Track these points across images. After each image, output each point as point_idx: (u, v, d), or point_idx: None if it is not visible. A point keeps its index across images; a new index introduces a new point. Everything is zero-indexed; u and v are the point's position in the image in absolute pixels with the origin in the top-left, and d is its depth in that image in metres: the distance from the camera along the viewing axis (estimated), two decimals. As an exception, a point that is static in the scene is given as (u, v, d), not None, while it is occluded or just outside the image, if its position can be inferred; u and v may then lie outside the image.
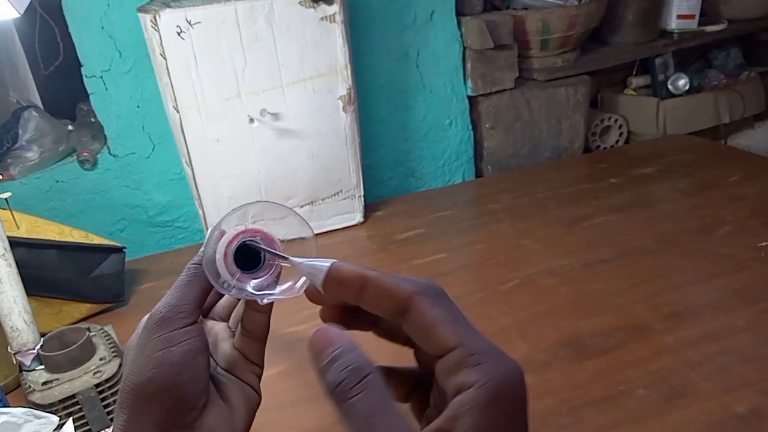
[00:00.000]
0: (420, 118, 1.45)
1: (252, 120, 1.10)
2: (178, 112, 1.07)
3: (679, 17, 1.56)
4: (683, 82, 1.59)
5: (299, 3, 1.05)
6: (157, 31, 1.00)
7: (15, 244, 0.82)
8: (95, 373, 0.75)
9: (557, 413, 0.71)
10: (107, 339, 0.81)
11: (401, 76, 1.40)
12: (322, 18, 1.07)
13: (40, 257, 0.95)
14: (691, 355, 0.78)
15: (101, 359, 0.77)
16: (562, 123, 1.49)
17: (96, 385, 0.73)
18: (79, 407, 0.73)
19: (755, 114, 1.70)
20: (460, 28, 1.40)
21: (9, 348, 0.77)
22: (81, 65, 1.19)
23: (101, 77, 1.20)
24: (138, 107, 1.24)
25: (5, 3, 0.71)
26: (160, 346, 0.32)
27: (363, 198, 1.25)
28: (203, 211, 1.16)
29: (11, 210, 0.93)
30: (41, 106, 1.31)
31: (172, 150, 1.22)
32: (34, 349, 0.77)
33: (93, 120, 1.25)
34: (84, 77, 1.20)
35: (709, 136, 1.62)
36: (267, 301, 0.34)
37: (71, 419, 0.71)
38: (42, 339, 0.78)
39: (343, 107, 1.15)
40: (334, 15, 1.07)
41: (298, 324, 0.92)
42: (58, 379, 0.74)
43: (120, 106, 1.23)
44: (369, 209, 1.29)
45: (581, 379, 0.76)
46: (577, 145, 1.54)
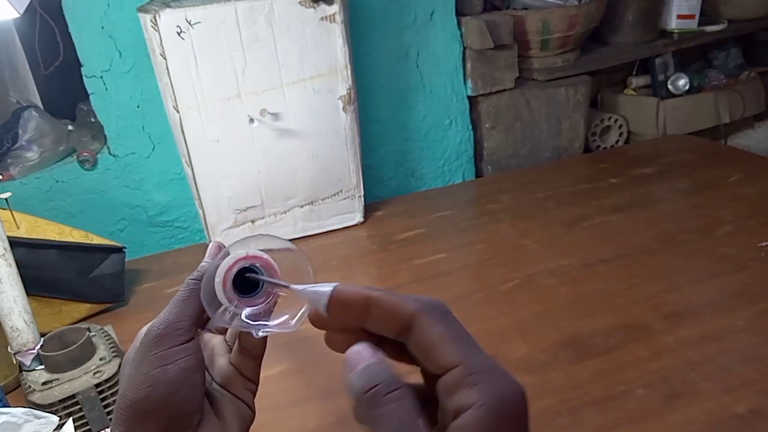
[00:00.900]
0: (420, 118, 1.45)
1: (252, 120, 1.10)
2: (178, 112, 1.07)
3: (679, 17, 1.56)
4: (683, 82, 1.59)
5: (299, 3, 1.05)
6: (157, 31, 1.00)
7: (15, 244, 0.82)
8: (95, 373, 0.75)
9: (557, 413, 0.71)
10: (107, 339, 0.81)
11: (401, 76, 1.40)
12: (322, 18, 1.07)
13: (40, 257, 0.94)
14: (691, 355, 0.78)
15: (101, 359, 0.77)
16: (562, 123, 1.49)
17: (96, 385, 0.73)
18: (79, 407, 0.73)
19: (755, 114, 1.70)
20: (460, 28, 1.39)
21: (9, 348, 0.77)
22: (81, 65, 1.19)
23: (101, 77, 1.20)
24: (138, 107, 1.24)
25: (5, 3, 0.71)
26: (156, 363, 0.32)
27: (363, 198, 1.25)
28: (203, 211, 1.16)
29: (11, 210, 0.93)
30: (41, 106, 1.30)
31: (172, 150, 1.22)
32: (34, 349, 0.77)
33: (93, 120, 1.25)
34: (84, 77, 1.20)
35: (709, 136, 1.62)
36: (263, 334, 0.34)
37: (71, 419, 0.71)
38: (42, 339, 0.78)
39: (343, 107, 1.15)
40: (334, 15, 1.07)
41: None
42: (58, 379, 0.74)
43: (120, 106, 1.23)
44: (369, 209, 1.29)
45: (581, 379, 0.76)
46: (577, 145, 1.54)
